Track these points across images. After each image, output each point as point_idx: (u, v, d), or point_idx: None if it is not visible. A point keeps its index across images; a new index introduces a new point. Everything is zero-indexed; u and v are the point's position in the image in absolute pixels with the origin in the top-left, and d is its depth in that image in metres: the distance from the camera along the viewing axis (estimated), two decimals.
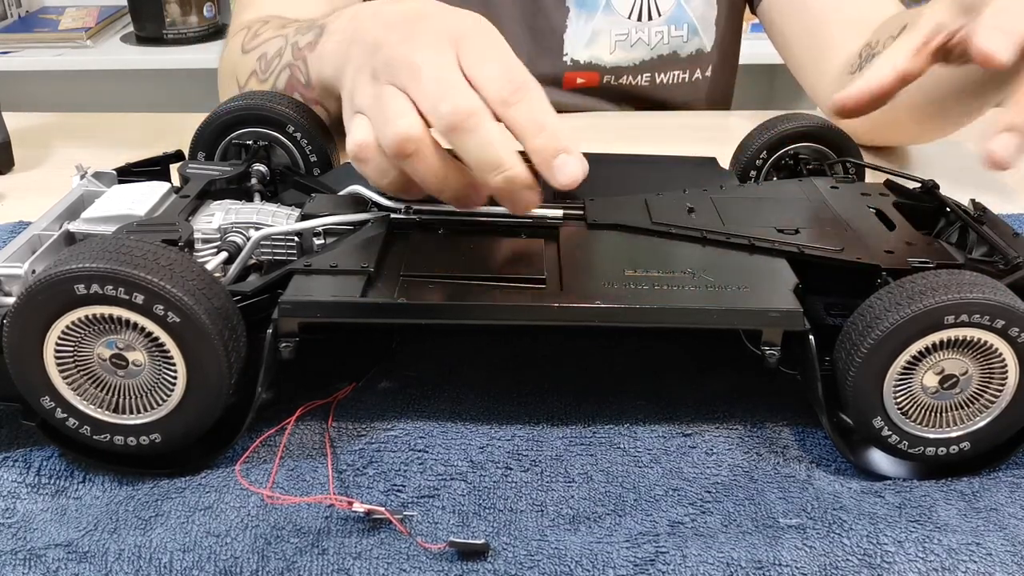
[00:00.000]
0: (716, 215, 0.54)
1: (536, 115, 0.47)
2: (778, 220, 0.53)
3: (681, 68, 1.01)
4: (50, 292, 0.41)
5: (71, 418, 0.43)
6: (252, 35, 0.78)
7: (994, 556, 0.40)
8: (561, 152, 0.47)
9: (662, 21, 0.98)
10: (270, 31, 0.76)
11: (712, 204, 0.56)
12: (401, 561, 0.40)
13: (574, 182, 0.47)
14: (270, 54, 0.73)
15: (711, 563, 0.40)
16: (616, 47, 0.99)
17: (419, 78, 0.48)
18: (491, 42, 0.50)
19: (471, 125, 0.46)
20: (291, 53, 0.70)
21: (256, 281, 0.48)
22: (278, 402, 0.48)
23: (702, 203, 0.56)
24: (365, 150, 0.50)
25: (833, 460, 0.47)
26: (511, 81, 0.47)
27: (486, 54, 0.49)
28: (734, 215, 0.54)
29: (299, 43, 0.69)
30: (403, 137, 0.48)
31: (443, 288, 0.46)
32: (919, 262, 0.48)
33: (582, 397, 0.51)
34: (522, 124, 0.47)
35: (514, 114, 0.47)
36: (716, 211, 0.55)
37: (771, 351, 0.46)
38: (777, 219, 0.54)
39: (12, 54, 1.93)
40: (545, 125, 0.47)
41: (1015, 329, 0.42)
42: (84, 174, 0.57)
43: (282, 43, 0.72)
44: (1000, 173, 0.69)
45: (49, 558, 0.40)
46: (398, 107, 0.48)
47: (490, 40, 0.50)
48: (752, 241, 0.51)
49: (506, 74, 0.48)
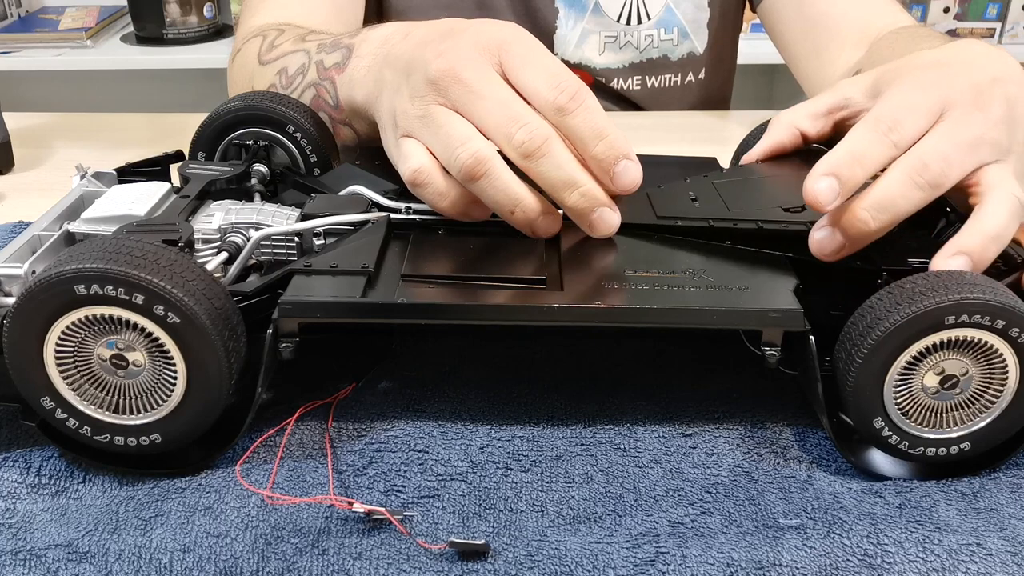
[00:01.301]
0: (720, 202, 0.54)
1: (595, 122, 0.47)
2: (782, 198, 0.53)
3: (672, 72, 1.01)
4: (50, 292, 0.41)
5: (71, 418, 0.43)
6: (269, 45, 0.78)
7: (994, 556, 0.40)
8: (622, 158, 0.47)
9: (651, 24, 0.98)
10: (288, 43, 0.76)
11: (715, 190, 0.55)
12: (401, 561, 0.40)
13: (635, 187, 0.47)
14: (291, 70, 0.72)
15: (711, 563, 0.40)
16: (605, 49, 0.99)
17: (477, 100, 0.48)
18: (533, 49, 0.50)
19: (546, 150, 0.47)
20: (316, 72, 0.70)
21: (256, 281, 0.48)
22: (278, 402, 0.48)
23: (704, 190, 0.55)
24: (424, 174, 0.50)
25: (833, 460, 0.47)
26: (564, 89, 0.47)
27: (531, 62, 0.49)
28: (738, 199, 0.54)
29: (324, 62, 0.69)
30: (475, 159, 0.48)
31: (443, 288, 0.46)
32: (919, 262, 0.48)
33: (582, 397, 0.51)
34: (581, 132, 0.47)
35: (572, 123, 0.47)
36: (720, 197, 0.54)
37: (771, 351, 0.46)
38: (781, 197, 0.53)
39: (12, 54, 1.93)
40: (604, 132, 0.47)
41: (1015, 329, 0.42)
42: (84, 174, 0.57)
43: (304, 60, 0.72)
44: None
45: (49, 558, 0.40)
46: (462, 130, 0.49)
47: (531, 47, 0.50)
48: (760, 224, 0.51)
49: (557, 81, 0.48)
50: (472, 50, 0.50)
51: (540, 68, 0.48)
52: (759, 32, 1.26)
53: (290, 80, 0.71)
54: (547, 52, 0.50)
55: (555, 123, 0.48)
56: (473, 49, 0.50)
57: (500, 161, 0.48)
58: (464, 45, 0.50)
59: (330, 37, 0.72)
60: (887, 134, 0.47)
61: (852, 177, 0.46)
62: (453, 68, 0.49)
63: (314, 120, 0.62)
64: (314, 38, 0.74)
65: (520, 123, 0.47)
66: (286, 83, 0.71)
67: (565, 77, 0.48)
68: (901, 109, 0.48)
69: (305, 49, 0.73)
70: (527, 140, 0.47)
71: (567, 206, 0.49)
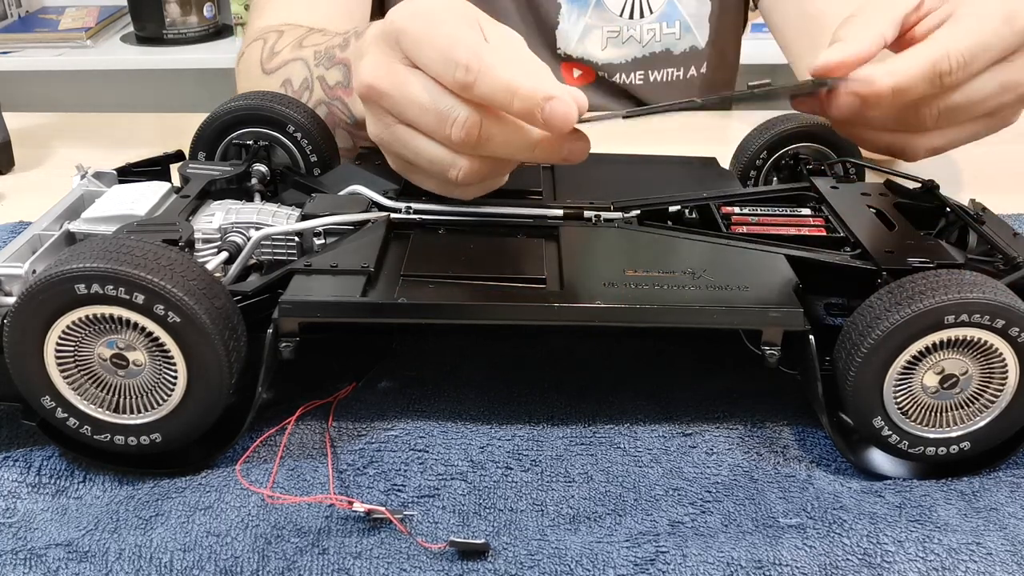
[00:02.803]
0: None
1: (499, 83, 0.46)
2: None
3: (675, 66, 1.01)
4: (51, 292, 0.41)
5: (71, 418, 0.43)
6: (269, 51, 0.78)
7: (994, 556, 0.40)
8: (542, 103, 0.45)
9: (653, 18, 0.98)
10: (287, 50, 0.76)
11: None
12: (401, 561, 0.40)
13: (569, 120, 0.45)
14: (295, 83, 0.73)
15: (711, 563, 0.40)
16: (608, 44, 0.99)
17: (403, 109, 0.50)
18: (423, 31, 0.48)
19: (485, 134, 0.48)
20: (321, 90, 0.70)
21: (256, 281, 0.48)
22: (278, 402, 0.48)
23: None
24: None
25: (833, 460, 0.47)
26: (458, 64, 0.46)
27: (424, 46, 0.48)
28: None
29: (327, 80, 0.70)
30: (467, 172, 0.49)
31: (443, 288, 0.46)
32: (919, 262, 0.48)
33: (582, 397, 0.51)
34: (493, 99, 0.46)
35: (480, 93, 0.46)
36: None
37: (771, 351, 0.46)
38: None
39: (12, 54, 1.93)
40: (512, 86, 0.46)
41: (1015, 329, 0.42)
42: (84, 174, 0.57)
43: (305, 72, 0.72)
44: (1000, 173, 0.69)
45: (50, 558, 0.40)
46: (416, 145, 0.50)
47: (422, 29, 0.49)
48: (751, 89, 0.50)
49: (450, 59, 0.47)
50: (377, 52, 0.50)
51: (432, 50, 0.48)
52: (760, 32, 1.26)
53: (297, 95, 0.72)
54: (437, 23, 0.49)
55: (468, 99, 0.47)
56: (378, 50, 0.50)
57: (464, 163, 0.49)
58: (371, 51, 0.51)
59: (324, 41, 0.72)
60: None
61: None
62: (370, 83, 0.50)
63: (314, 120, 0.62)
64: (310, 43, 0.74)
65: (449, 120, 0.48)
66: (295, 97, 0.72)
67: (456, 50, 0.47)
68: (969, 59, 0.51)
69: (303, 59, 0.73)
70: (463, 136, 0.47)
71: (540, 160, 0.50)
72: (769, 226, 0.54)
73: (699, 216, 0.56)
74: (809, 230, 0.53)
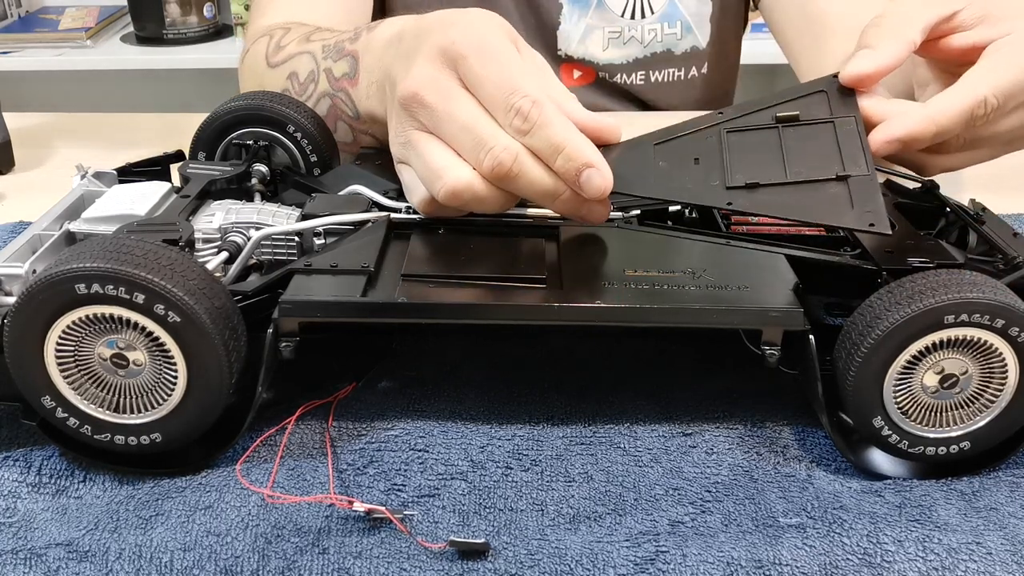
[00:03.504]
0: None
1: (551, 137, 0.47)
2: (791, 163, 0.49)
3: (676, 66, 1.01)
4: (51, 292, 0.41)
5: (72, 418, 0.43)
6: (275, 46, 0.78)
7: (994, 555, 0.40)
8: (583, 168, 0.47)
9: (655, 19, 0.98)
10: (293, 44, 0.76)
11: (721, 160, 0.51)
12: (401, 560, 0.40)
13: (602, 193, 0.47)
14: (302, 76, 0.72)
15: (711, 562, 0.40)
16: (609, 44, 0.99)
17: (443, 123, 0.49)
18: (486, 64, 0.49)
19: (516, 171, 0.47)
20: (327, 82, 0.70)
21: (256, 281, 0.48)
22: (278, 402, 0.48)
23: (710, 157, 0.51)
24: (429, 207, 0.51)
25: (833, 460, 0.47)
26: (517, 110, 0.47)
27: (484, 80, 0.48)
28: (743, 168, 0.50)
29: (333, 72, 0.69)
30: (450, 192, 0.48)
31: (443, 288, 0.46)
32: (919, 262, 0.48)
33: (582, 397, 0.51)
34: (539, 150, 0.47)
35: (529, 142, 0.47)
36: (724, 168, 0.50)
37: (771, 351, 0.46)
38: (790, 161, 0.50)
39: (12, 54, 1.93)
40: (561, 145, 0.47)
41: (1015, 329, 0.42)
42: (84, 174, 0.57)
43: (312, 65, 0.72)
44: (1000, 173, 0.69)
45: (50, 557, 0.40)
46: (439, 159, 0.49)
47: (485, 61, 0.49)
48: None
49: (511, 102, 0.47)
50: (431, 67, 0.50)
51: (493, 86, 0.48)
52: (760, 32, 1.26)
53: (303, 87, 0.72)
54: (501, 59, 0.49)
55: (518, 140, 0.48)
56: (432, 66, 0.50)
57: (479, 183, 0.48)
58: (424, 61, 0.50)
59: (333, 36, 0.72)
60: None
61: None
62: (416, 92, 0.49)
63: (314, 120, 0.62)
64: (318, 37, 0.74)
65: (486, 148, 0.47)
66: (299, 90, 0.72)
67: (518, 93, 0.47)
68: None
69: (311, 52, 0.73)
70: (495, 166, 0.47)
71: (555, 210, 0.50)
72: (769, 226, 0.54)
73: (699, 216, 0.56)
74: (809, 230, 0.53)
